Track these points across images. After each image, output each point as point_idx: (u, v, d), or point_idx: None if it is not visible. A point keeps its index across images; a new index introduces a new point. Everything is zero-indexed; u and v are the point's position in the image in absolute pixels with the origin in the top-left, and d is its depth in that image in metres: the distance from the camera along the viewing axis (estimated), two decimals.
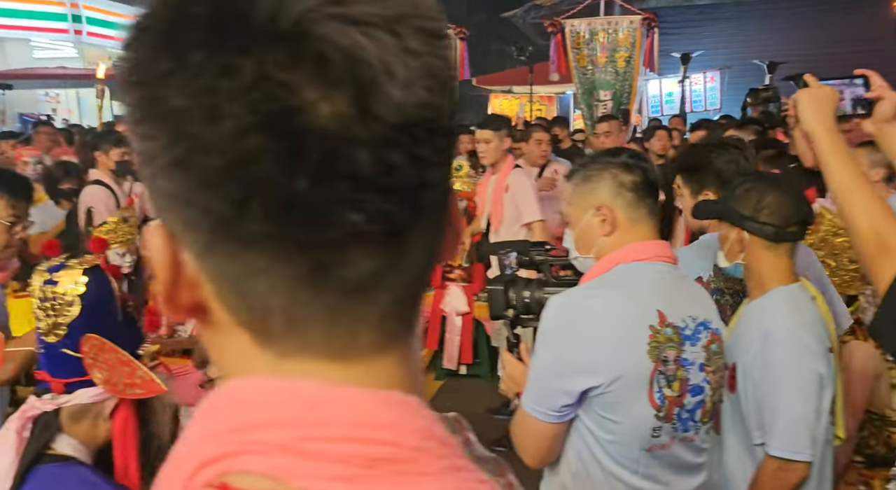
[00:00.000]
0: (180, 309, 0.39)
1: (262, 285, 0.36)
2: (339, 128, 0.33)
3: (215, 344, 0.41)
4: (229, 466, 0.36)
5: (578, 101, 6.16)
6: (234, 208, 0.33)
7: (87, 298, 1.31)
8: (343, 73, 0.33)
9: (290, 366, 0.38)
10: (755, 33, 11.60)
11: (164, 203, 0.37)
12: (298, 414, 0.36)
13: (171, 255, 0.38)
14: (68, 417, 1.34)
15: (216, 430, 0.37)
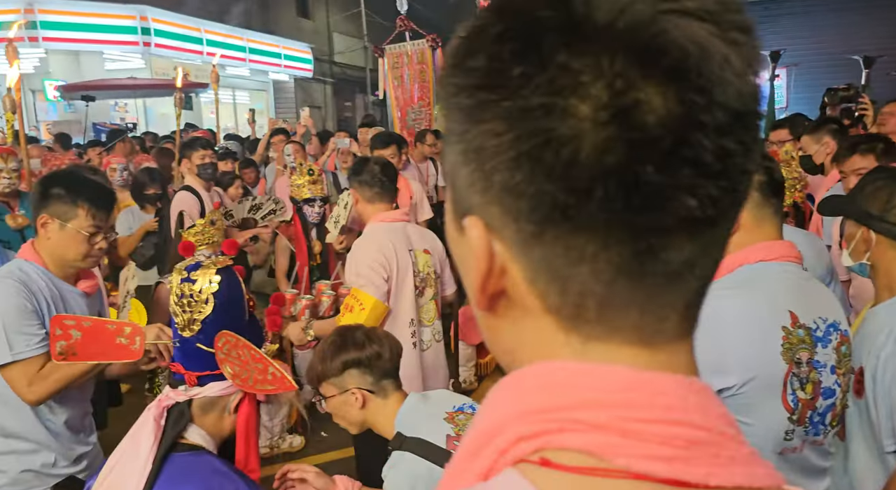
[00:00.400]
0: (487, 296, 0.42)
1: (585, 271, 0.38)
2: (687, 116, 0.35)
3: (510, 330, 0.43)
4: (547, 442, 0.38)
5: None
6: (577, 196, 0.36)
7: (219, 296, 1.37)
8: (688, 65, 0.35)
9: (596, 350, 0.40)
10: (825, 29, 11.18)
11: (491, 197, 0.39)
12: (614, 396, 0.38)
13: (489, 245, 0.40)
14: (199, 408, 1.41)
15: (529, 408, 0.39)
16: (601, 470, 0.37)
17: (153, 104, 13.57)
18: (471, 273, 0.42)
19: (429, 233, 2.80)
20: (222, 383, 1.41)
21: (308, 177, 4.37)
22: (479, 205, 0.40)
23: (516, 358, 0.44)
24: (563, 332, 0.40)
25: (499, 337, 0.45)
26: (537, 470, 0.38)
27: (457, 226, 0.44)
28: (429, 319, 2.67)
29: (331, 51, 18.92)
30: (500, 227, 0.40)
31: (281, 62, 15.86)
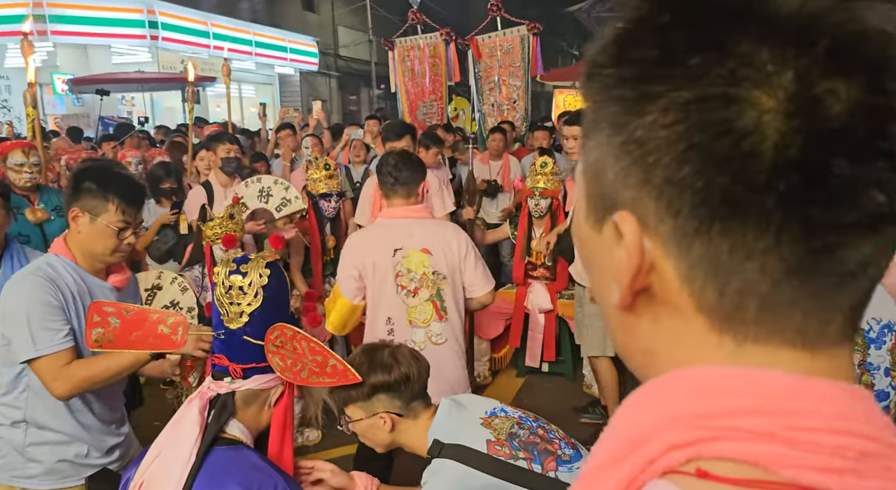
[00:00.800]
0: (633, 293, 0.40)
1: (751, 269, 0.36)
2: (886, 105, 0.33)
3: (650, 329, 0.42)
4: (701, 451, 0.36)
5: None
6: (753, 190, 0.34)
7: (269, 289, 1.37)
8: (889, 53, 0.34)
9: (752, 353, 0.38)
10: None
11: (649, 191, 0.38)
12: (777, 403, 0.36)
13: (641, 241, 0.39)
14: (241, 401, 1.42)
15: (682, 414, 0.37)
16: (768, 483, 0.35)
17: (160, 98, 13.58)
18: (615, 270, 0.41)
19: (443, 230, 2.59)
20: (266, 376, 1.42)
21: (325, 171, 4.37)
22: (633, 200, 0.39)
23: (656, 359, 0.42)
24: (715, 332, 0.38)
25: (636, 336, 0.43)
26: (694, 482, 0.36)
27: (593, 223, 0.43)
28: (423, 321, 2.54)
29: (336, 44, 18.89)
30: (654, 223, 0.38)
31: (287, 56, 15.84)
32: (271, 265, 1.40)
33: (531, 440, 1.63)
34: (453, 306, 2.56)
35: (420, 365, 1.68)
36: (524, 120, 6.58)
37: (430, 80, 6.67)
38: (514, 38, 6.34)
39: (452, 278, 2.54)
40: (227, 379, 1.40)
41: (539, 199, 4.09)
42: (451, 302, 2.55)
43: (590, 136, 0.42)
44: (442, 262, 2.51)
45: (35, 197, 3.55)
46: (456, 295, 2.57)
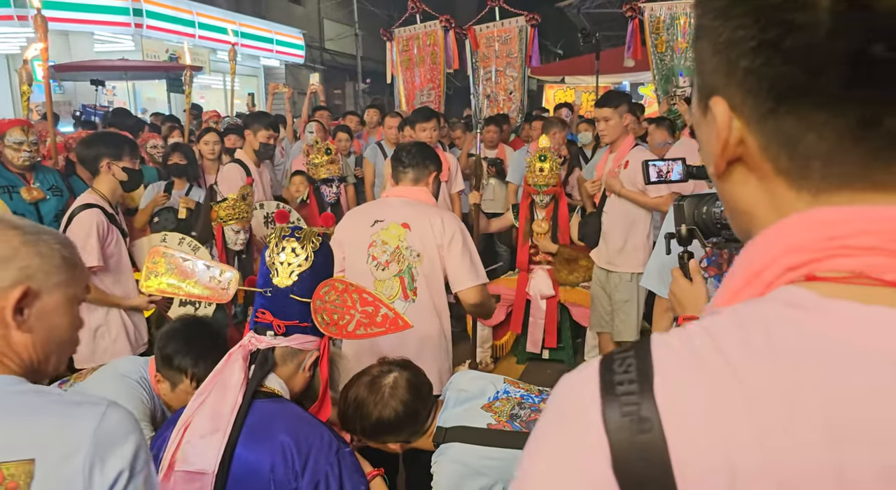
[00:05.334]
0: (725, 160, 0.50)
1: (811, 137, 0.45)
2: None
3: (746, 192, 0.52)
4: (814, 269, 0.45)
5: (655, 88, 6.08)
6: (812, 75, 0.43)
7: (319, 255, 1.45)
8: None
9: (830, 200, 0.47)
10: None
11: (735, 79, 0.47)
12: (879, 225, 0.44)
13: (730, 118, 0.49)
14: (280, 357, 1.46)
15: (796, 244, 0.46)
16: (870, 279, 0.43)
17: (141, 87, 13.35)
18: (711, 145, 0.51)
19: (433, 211, 2.50)
20: (305, 336, 1.48)
21: (326, 156, 4.34)
22: (723, 87, 0.48)
23: (752, 217, 0.51)
24: (793, 190, 0.48)
25: (736, 200, 0.53)
26: (807, 283, 0.45)
27: (702, 109, 0.52)
28: (388, 297, 2.44)
29: (321, 37, 18.75)
30: (740, 105, 0.48)
31: (273, 47, 15.68)
32: (323, 235, 1.49)
33: (533, 418, 1.69)
34: (425, 289, 2.43)
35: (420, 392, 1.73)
36: (520, 111, 6.58)
37: (429, 68, 6.65)
38: (511, 28, 6.34)
39: (430, 259, 2.42)
40: (270, 333, 1.45)
41: (543, 197, 4.11)
42: (423, 284, 2.43)
43: (699, 38, 0.51)
44: (419, 240, 2.41)
45: (31, 176, 3.46)
46: (431, 278, 2.43)
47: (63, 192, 3.59)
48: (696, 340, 0.46)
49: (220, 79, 14.80)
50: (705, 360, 0.44)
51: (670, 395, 0.44)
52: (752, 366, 0.43)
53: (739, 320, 0.45)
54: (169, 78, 11.22)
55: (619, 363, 0.47)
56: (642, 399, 0.44)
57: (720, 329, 0.46)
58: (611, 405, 0.45)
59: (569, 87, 10.68)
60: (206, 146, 4.30)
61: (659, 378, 0.45)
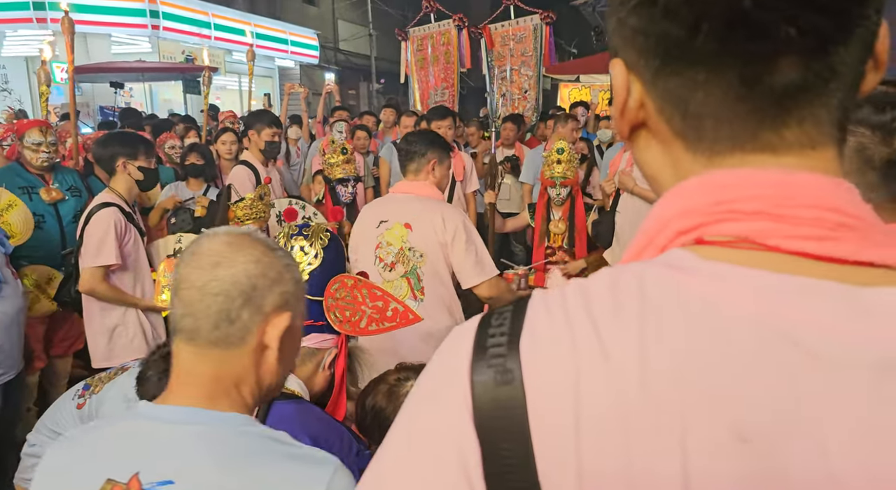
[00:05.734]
0: (627, 123, 0.50)
1: (699, 96, 0.45)
2: None
3: (652, 157, 0.51)
4: (702, 233, 0.45)
5: None
6: (687, 31, 0.42)
7: (329, 252, 1.45)
8: None
9: (722, 163, 0.46)
10: None
11: (627, 39, 0.47)
12: (766, 190, 0.43)
13: (626, 82, 0.49)
14: (298, 358, 1.43)
15: (688, 207, 0.46)
16: (754, 244, 0.43)
17: (157, 89, 13.46)
18: (613, 106, 0.51)
19: (435, 209, 2.43)
20: (322, 335, 1.46)
21: (342, 156, 4.33)
22: (621, 48, 0.48)
23: (658, 181, 0.51)
24: (689, 152, 0.48)
25: (645, 166, 0.53)
26: (693, 247, 0.45)
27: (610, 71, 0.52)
28: (398, 296, 2.46)
29: (335, 38, 18.81)
30: (634, 66, 0.48)
31: (288, 48, 15.75)
32: (330, 232, 1.48)
33: None
34: (433, 288, 2.41)
35: None
36: (535, 110, 6.55)
37: (443, 67, 6.63)
38: (526, 27, 6.30)
39: (434, 258, 2.39)
40: None
41: (560, 189, 4.06)
42: (429, 282, 2.40)
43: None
44: (422, 240, 2.39)
45: (50, 177, 3.48)
46: (438, 276, 2.41)
47: (82, 192, 3.61)
48: (570, 298, 0.45)
49: (236, 80, 14.88)
50: (573, 318, 0.44)
51: (534, 350, 0.44)
52: (615, 326, 0.43)
53: (616, 280, 0.45)
54: (185, 79, 11.31)
55: (496, 318, 0.47)
56: (509, 352, 0.44)
57: (596, 289, 0.45)
58: (479, 357, 0.45)
59: (584, 85, 10.61)
60: (224, 146, 4.31)
61: (527, 333, 0.45)
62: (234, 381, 0.88)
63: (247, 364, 0.88)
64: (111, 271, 2.78)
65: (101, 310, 2.82)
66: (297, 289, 0.92)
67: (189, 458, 0.82)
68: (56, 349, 3.50)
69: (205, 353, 0.86)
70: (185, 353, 0.87)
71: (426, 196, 2.49)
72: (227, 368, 0.87)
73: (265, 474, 0.82)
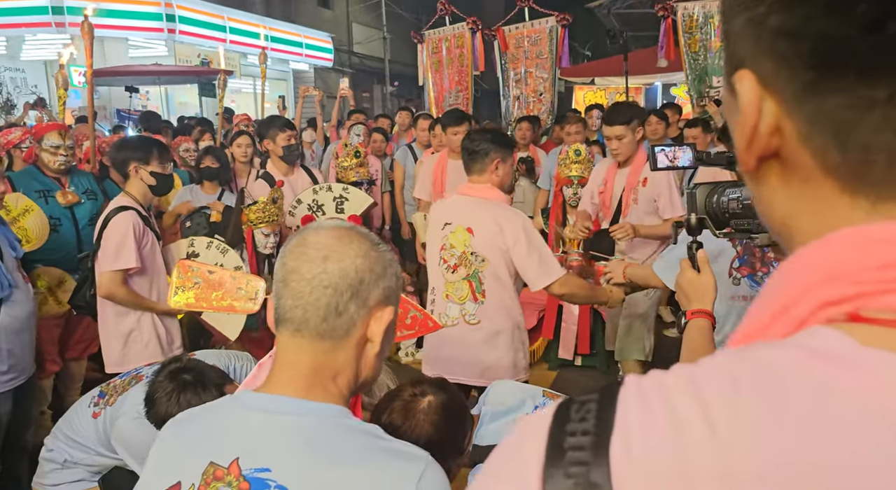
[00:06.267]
0: (754, 154, 0.39)
1: (874, 120, 0.33)
2: None
3: (785, 197, 0.40)
4: (863, 306, 0.34)
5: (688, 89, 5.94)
6: (868, 31, 0.32)
7: None
8: None
9: (893, 210, 0.35)
10: None
11: (763, 45, 0.36)
12: None
13: (758, 97, 0.37)
14: None
15: (838, 272, 0.35)
16: None
17: (173, 92, 13.56)
18: (738, 135, 0.39)
19: (497, 213, 2.45)
20: None
21: (355, 159, 4.32)
22: (751, 57, 0.37)
23: (793, 230, 0.40)
24: (847, 195, 0.36)
25: (772, 206, 0.41)
26: (847, 325, 0.34)
27: (728, 89, 0.41)
28: (459, 298, 2.50)
29: (350, 41, 18.86)
30: (772, 79, 0.36)
31: (302, 51, 15.81)
32: None
33: None
34: (494, 290, 2.45)
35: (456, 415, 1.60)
36: (550, 113, 6.50)
37: (457, 70, 6.61)
38: (541, 29, 6.26)
39: (495, 262, 2.44)
40: None
41: (576, 188, 4.01)
42: (491, 285, 2.46)
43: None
44: (483, 245, 2.43)
45: (66, 180, 3.50)
46: (499, 279, 2.46)
47: (98, 195, 3.62)
48: (678, 395, 0.35)
49: (251, 83, 14.96)
50: (682, 420, 0.33)
51: (629, 459, 0.34)
52: (742, 436, 0.32)
53: (740, 372, 0.34)
54: (200, 82, 11.39)
55: (577, 409, 0.37)
56: (594, 459, 0.35)
57: (713, 384, 0.34)
58: (554, 463, 0.36)
59: (599, 88, 10.55)
60: (239, 149, 4.31)
61: (619, 434, 0.35)
62: (334, 372, 0.89)
63: (348, 357, 0.89)
64: (129, 275, 2.78)
65: (116, 314, 2.82)
66: (397, 285, 0.94)
67: (285, 448, 0.84)
68: (71, 352, 3.51)
69: (310, 344, 0.88)
70: (289, 344, 0.89)
71: (488, 199, 2.51)
72: (329, 360, 0.88)
73: (360, 466, 0.83)
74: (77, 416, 2.18)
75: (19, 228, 3.12)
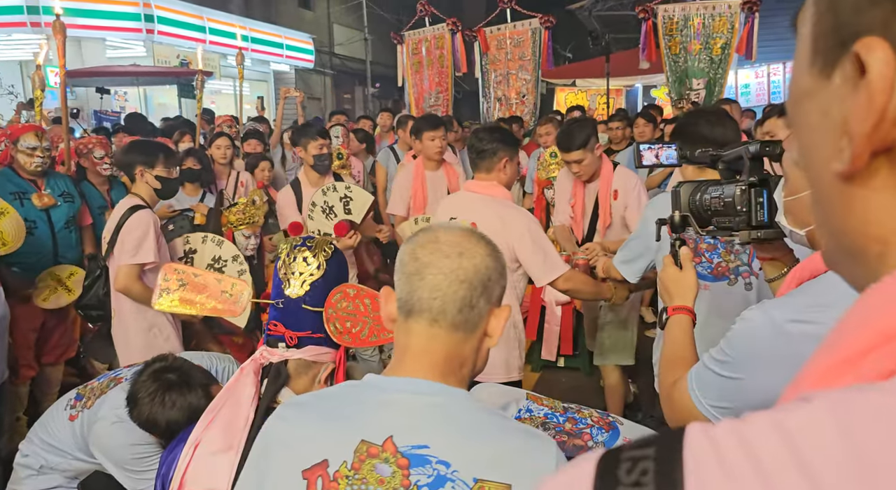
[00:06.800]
0: (872, 148, 0.31)
1: None
2: None
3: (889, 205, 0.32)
4: None
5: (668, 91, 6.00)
6: None
7: (331, 263, 1.42)
8: None
9: None
10: None
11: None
12: None
13: (894, 75, 0.30)
14: (294, 370, 1.42)
15: None
16: None
17: (152, 93, 13.40)
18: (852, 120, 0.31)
19: (500, 210, 2.47)
20: (319, 348, 1.44)
21: (337, 161, 4.30)
22: (882, 21, 0.30)
23: (891, 246, 0.32)
24: None
25: (865, 217, 0.33)
26: None
27: (821, 69, 0.34)
28: None
29: (331, 42, 18.78)
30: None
31: (283, 52, 15.71)
32: (332, 245, 1.46)
33: (558, 440, 1.60)
34: None
35: None
36: (533, 115, 6.53)
37: (437, 71, 6.61)
38: (524, 30, 6.28)
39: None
40: (282, 346, 1.41)
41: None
42: None
43: None
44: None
45: (42, 182, 3.44)
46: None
47: (74, 198, 3.56)
48: (764, 450, 0.28)
49: (231, 84, 14.82)
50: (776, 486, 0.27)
51: None
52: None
53: (842, 422, 0.27)
54: (180, 83, 11.26)
55: (629, 469, 0.30)
56: None
57: (808, 433, 0.28)
58: None
59: (580, 90, 10.61)
60: (218, 151, 4.26)
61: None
62: (461, 362, 0.94)
63: (472, 348, 0.94)
64: (146, 270, 2.80)
65: (136, 309, 2.83)
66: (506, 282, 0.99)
67: (437, 426, 0.88)
68: (47, 357, 3.45)
69: (445, 334, 0.92)
70: (424, 333, 0.92)
71: (494, 196, 2.53)
72: (458, 350, 0.93)
73: (503, 443, 0.88)
74: (53, 419, 2.14)
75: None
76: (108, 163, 3.78)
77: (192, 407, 1.69)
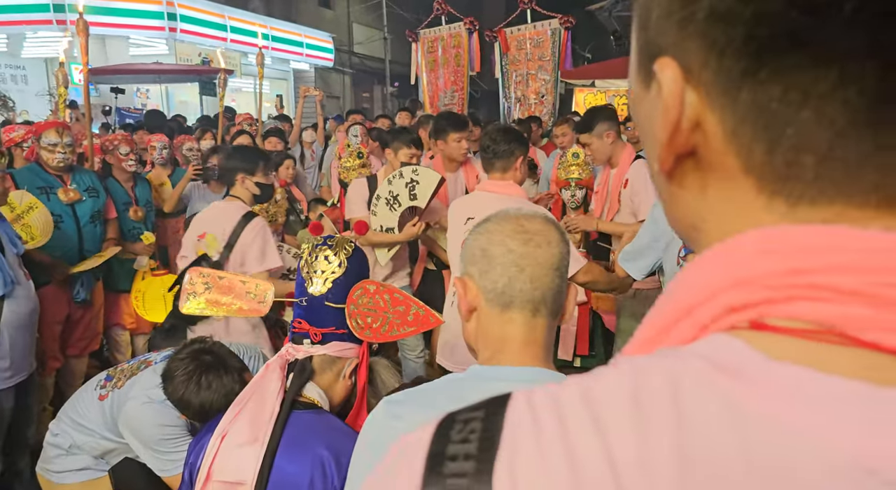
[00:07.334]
0: (673, 154, 0.35)
1: (808, 117, 0.30)
2: None
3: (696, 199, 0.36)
4: (767, 313, 0.31)
5: None
6: (809, 14, 0.28)
7: (352, 261, 1.45)
8: None
9: (809, 214, 0.32)
10: None
11: (692, 30, 0.32)
12: (872, 258, 0.30)
13: (682, 89, 0.33)
14: (319, 366, 1.45)
15: (748, 275, 0.32)
16: (844, 337, 0.29)
17: (174, 91, 13.57)
18: (657, 128, 0.35)
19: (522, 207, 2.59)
20: (343, 344, 1.46)
21: (357, 160, 4.33)
22: (675, 43, 0.33)
23: (703, 233, 0.37)
24: (764, 195, 0.33)
25: (681, 209, 0.38)
26: (748, 333, 0.31)
27: (642, 79, 0.37)
28: None
29: (350, 41, 18.88)
30: (697, 69, 0.33)
31: (303, 51, 15.83)
32: (354, 243, 1.49)
33: None
34: None
35: None
36: (552, 115, 6.52)
37: (452, 70, 6.62)
38: (544, 31, 6.28)
39: None
40: (307, 342, 1.44)
41: (574, 190, 4.03)
42: None
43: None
44: None
45: (68, 177, 3.51)
46: None
47: (99, 193, 3.63)
48: (570, 408, 0.31)
49: (251, 82, 14.96)
50: (575, 440, 0.30)
51: (515, 484, 0.30)
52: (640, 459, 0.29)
53: (638, 386, 0.31)
54: (201, 81, 11.39)
55: (460, 428, 0.34)
56: (476, 483, 0.31)
57: (607, 397, 0.31)
58: (432, 486, 0.32)
59: (599, 91, 10.56)
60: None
61: (505, 456, 0.31)
62: (549, 345, 0.95)
63: (553, 333, 0.95)
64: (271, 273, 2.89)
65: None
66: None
67: None
68: (72, 349, 3.52)
69: (545, 322, 0.93)
70: (526, 323, 0.92)
71: (511, 195, 2.56)
72: (551, 335, 0.95)
73: None
74: (83, 399, 2.20)
75: (24, 225, 3.13)
76: (133, 159, 3.84)
77: (226, 389, 1.72)
